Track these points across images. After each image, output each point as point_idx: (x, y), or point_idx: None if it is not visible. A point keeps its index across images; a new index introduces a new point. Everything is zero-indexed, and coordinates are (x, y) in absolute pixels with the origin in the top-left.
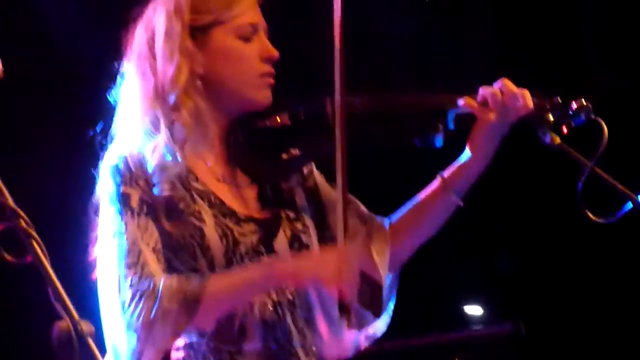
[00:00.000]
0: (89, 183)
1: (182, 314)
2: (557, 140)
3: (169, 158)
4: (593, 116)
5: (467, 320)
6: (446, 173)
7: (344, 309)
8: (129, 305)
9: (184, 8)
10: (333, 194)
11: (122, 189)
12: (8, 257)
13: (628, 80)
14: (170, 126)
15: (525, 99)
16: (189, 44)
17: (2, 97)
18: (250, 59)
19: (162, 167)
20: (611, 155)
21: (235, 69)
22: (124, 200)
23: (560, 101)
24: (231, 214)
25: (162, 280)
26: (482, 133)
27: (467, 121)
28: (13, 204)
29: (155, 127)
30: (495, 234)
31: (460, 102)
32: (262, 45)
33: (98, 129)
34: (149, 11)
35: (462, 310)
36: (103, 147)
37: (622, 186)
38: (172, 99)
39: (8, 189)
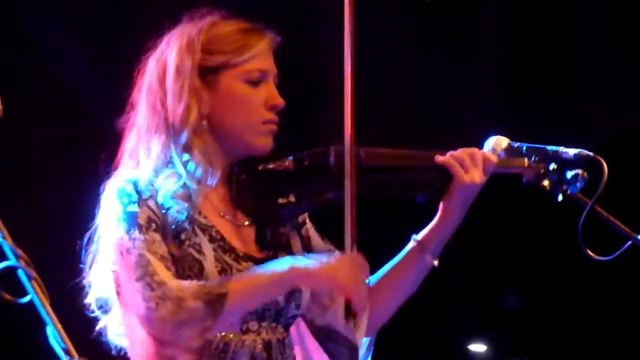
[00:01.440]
0: (90, 222)
1: (208, 312)
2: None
3: (179, 189)
4: (586, 176)
5: (471, 359)
6: (420, 236)
7: (350, 313)
8: (152, 312)
9: (196, 46)
10: (322, 246)
11: (129, 207)
12: (8, 296)
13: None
14: (185, 164)
15: (487, 160)
16: (198, 83)
17: (2, 135)
18: (255, 106)
19: (174, 196)
20: (611, 194)
21: (239, 114)
22: (131, 218)
23: (556, 168)
24: (231, 250)
25: (177, 284)
26: (454, 194)
27: None
28: (12, 243)
29: (169, 163)
30: (498, 272)
31: (438, 158)
32: (268, 92)
33: (102, 156)
34: (162, 44)
35: (467, 349)
36: (107, 175)
37: (622, 225)
38: (183, 138)
39: (7, 228)
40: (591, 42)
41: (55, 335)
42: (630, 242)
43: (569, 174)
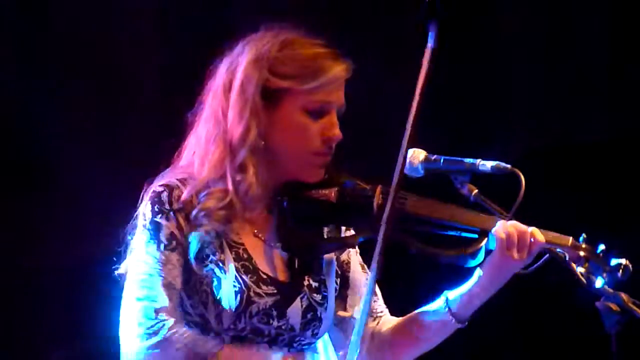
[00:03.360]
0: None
1: None
2: (475, 190)
3: (221, 208)
4: (631, 268)
5: None
6: (452, 297)
7: None
8: (136, 340)
9: (264, 64)
10: (360, 276)
11: (156, 217)
12: None
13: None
14: (237, 184)
15: (536, 236)
16: (260, 103)
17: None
18: (310, 136)
19: (211, 215)
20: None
21: (293, 142)
22: (155, 230)
23: (603, 251)
24: (254, 271)
25: (175, 324)
26: (500, 268)
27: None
28: None
29: (221, 178)
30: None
31: (497, 231)
32: (328, 124)
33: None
34: (237, 49)
35: None
36: (163, 167)
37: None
38: (240, 157)
39: None
40: (512, 51)
41: None
42: (547, 255)
43: (613, 262)
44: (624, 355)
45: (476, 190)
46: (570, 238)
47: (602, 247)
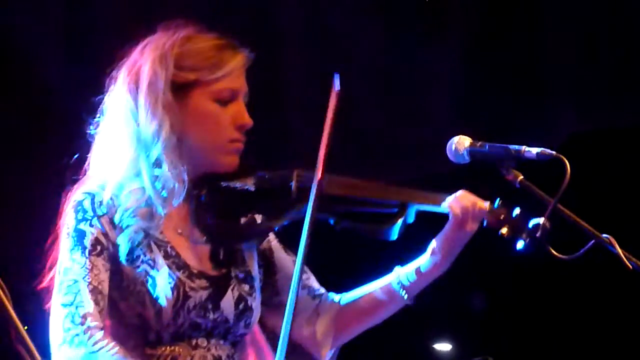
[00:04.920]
0: (52, 228)
1: None
2: (520, 176)
3: (141, 206)
4: (548, 226)
5: (436, 357)
6: (403, 271)
7: None
8: (64, 347)
9: (169, 60)
10: (285, 259)
11: (80, 225)
12: None
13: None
14: (153, 179)
15: (480, 206)
16: (170, 98)
17: None
18: (223, 124)
19: (136, 214)
20: (575, 193)
21: (207, 132)
22: (78, 237)
23: (519, 214)
24: (184, 267)
25: (104, 337)
26: (455, 241)
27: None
28: None
29: (137, 177)
30: (464, 272)
31: (453, 206)
32: (237, 111)
33: (70, 161)
34: (136, 53)
35: (432, 347)
36: (74, 180)
37: (585, 224)
38: (154, 153)
39: None
40: (557, 40)
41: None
42: (593, 241)
43: (531, 223)
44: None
45: (522, 177)
46: (488, 202)
47: (517, 210)
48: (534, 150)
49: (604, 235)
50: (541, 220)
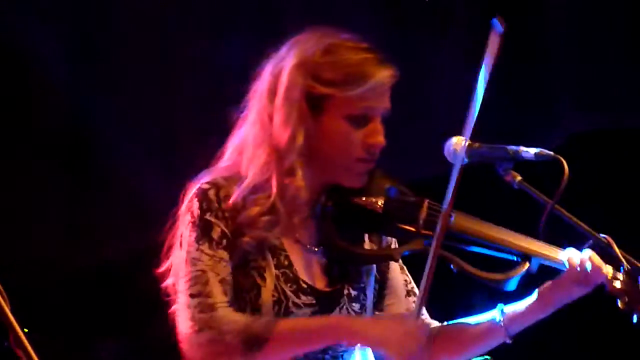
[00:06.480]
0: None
1: (244, 352)
2: (518, 177)
3: (265, 213)
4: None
5: None
6: (508, 311)
7: None
8: (193, 335)
9: (308, 68)
10: (398, 278)
11: (206, 215)
12: None
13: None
14: (282, 187)
15: (604, 272)
16: (305, 109)
17: None
18: (353, 145)
19: (258, 223)
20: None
21: (336, 150)
22: (206, 228)
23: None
24: (294, 281)
25: (227, 313)
26: (563, 293)
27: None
28: None
29: (267, 182)
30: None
31: (571, 261)
32: (371, 132)
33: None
34: (283, 50)
35: None
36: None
37: (583, 225)
38: (287, 162)
39: None
40: (561, 40)
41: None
42: (591, 241)
43: None
44: None
45: (520, 177)
46: (611, 269)
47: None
48: (532, 151)
49: (602, 235)
50: None
